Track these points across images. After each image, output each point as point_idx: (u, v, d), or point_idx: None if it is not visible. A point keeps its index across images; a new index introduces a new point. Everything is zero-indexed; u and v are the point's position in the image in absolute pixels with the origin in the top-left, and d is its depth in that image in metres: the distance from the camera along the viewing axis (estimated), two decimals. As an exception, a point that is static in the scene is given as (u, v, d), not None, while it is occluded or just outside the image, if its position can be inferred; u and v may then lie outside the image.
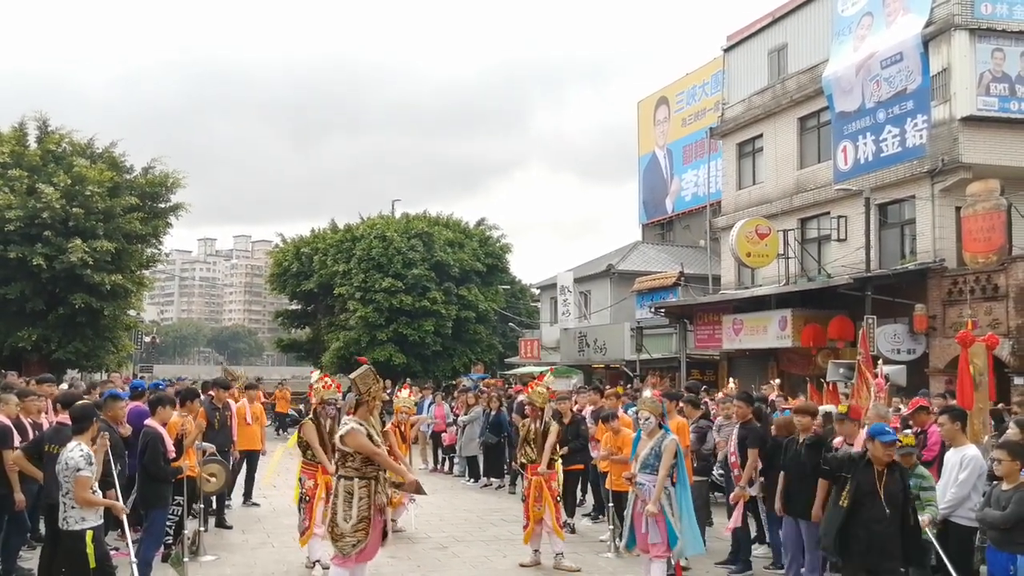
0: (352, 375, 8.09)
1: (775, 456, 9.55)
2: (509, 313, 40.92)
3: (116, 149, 32.67)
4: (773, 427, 10.10)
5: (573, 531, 12.33)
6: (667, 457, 8.81)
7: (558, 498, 10.90)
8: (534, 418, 10.96)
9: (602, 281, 36.23)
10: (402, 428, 12.88)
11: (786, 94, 25.56)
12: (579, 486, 14.81)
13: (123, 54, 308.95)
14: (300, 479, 9.97)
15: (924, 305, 19.30)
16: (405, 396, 13.66)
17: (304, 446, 9.89)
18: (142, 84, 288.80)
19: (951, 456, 8.49)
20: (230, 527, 12.53)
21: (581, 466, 13.40)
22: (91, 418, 7.37)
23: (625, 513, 9.35)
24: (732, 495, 10.57)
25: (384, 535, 7.82)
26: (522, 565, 10.48)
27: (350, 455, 7.51)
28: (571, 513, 12.78)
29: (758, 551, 11.03)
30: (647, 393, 9.81)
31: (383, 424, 9.93)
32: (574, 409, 13.93)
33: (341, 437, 7.50)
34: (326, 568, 9.55)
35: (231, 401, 13.54)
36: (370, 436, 7.53)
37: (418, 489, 7.89)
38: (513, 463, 14.27)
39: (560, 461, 12.69)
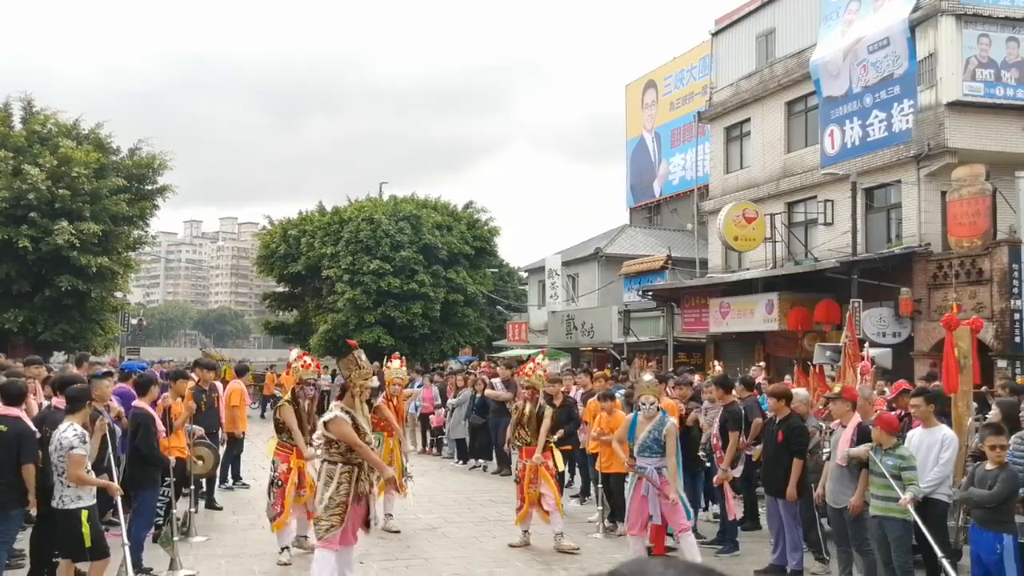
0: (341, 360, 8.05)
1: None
2: (497, 296, 40.98)
3: (102, 130, 32.52)
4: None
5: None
6: (672, 441, 9.01)
7: (556, 476, 10.94)
8: (530, 401, 10.84)
9: (590, 264, 36.28)
10: (394, 401, 12.26)
11: (774, 78, 25.59)
12: (567, 468, 14.95)
13: (107, 39, 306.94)
14: (274, 461, 9.87)
15: (910, 289, 19.42)
16: (396, 367, 12.74)
17: (280, 427, 9.75)
18: (127, 69, 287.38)
19: (924, 436, 8.61)
20: (220, 508, 12.58)
21: (569, 447, 13.43)
22: (86, 400, 7.42)
23: (626, 493, 9.47)
24: (715, 477, 10.72)
25: (367, 524, 7.81)
26: (512, 546, 10.57)
27: (335, 442, 7.49)
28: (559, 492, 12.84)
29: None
30: (647, 376, 9.77)
31: (371, 405, 9.90)
32: (565, 392, 13.98)
33: (325, 423, 7.46)
34: (300, 548, 9.70)
35: (218, 383, 13.53)
36: (356, 426, 7.45)
37: (395, 485, 8.01)
38: (505, 445, 14.22)
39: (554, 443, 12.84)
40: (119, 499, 7.47)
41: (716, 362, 18.72)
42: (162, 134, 37.89)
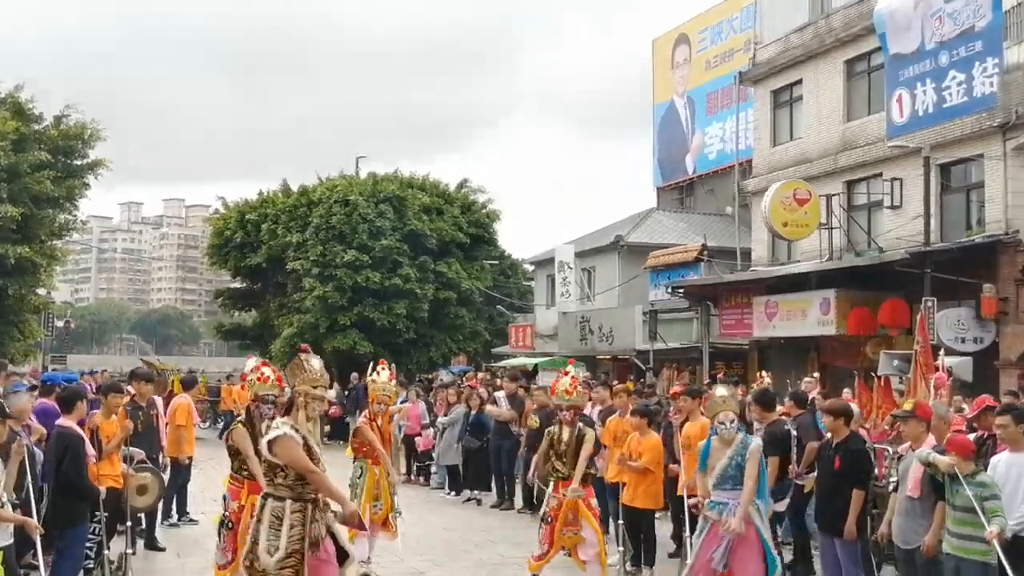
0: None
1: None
2: (497, 294, 40.99)
3: (22, 94, 32.40)
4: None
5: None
6: (753, 465, 8.77)
7: (600, 518, 10.78)
8: (568, 424, 10.51)
9: (609, 256, 36.29)
10: (378, 421, 11.58)
11: (831, 32, 25.57)
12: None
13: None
14: (224, 496, 9.79)
15: (993, 285, 19.42)
16: (384, 381, 11.85)
17: (234, 454, 9.53)
18: (71, 28, 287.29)
19: (1013, 462, 8.56)
20: (163, 549, 12.56)
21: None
22: None
23: (693, 539, 9.14)
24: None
25: (343, 557, 7.24)
26: None
27: (280, 469, 6.91)
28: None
29: None
30: (722, 390, 9.37)
31: (322, 429, 9.69)
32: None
33: (269, 444, 6.89)
34: None
35: (158, 399, 13.42)
36: (308, 447, 6.90)
37: (359, 523, 7.55)
38: (529, 475, 13.98)
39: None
40: (39, 538, 7.46)
41: (763, 373, 18.73)
42: (96, 101, 37.98)
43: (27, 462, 7.77)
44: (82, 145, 32.87)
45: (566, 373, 10.92)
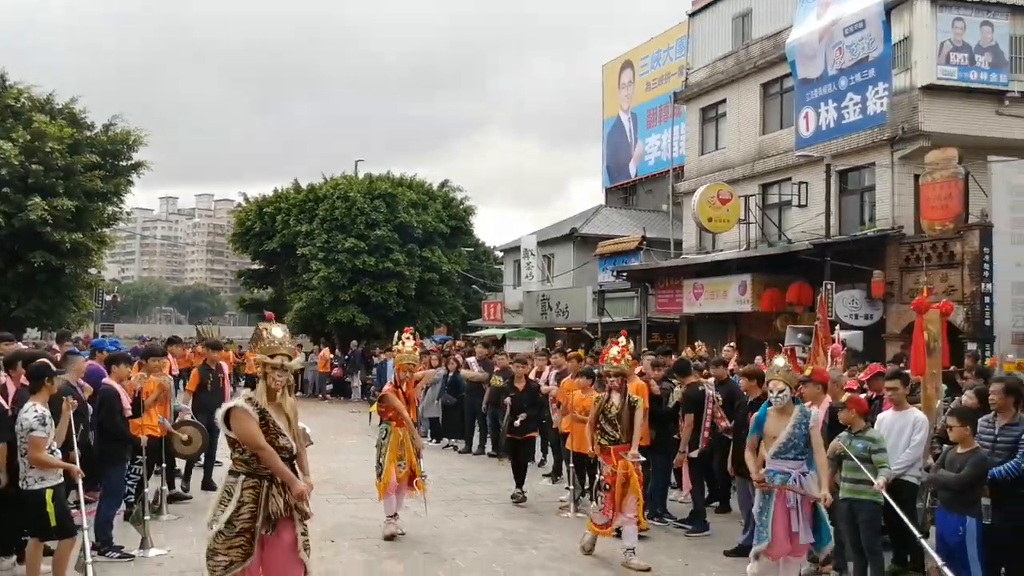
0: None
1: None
2: (472, 275, 40.82)
3: (76, 105, 32.02)
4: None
5: (524, 500, 12.11)
6: (818, 434, 7.67)
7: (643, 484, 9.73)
8: (618, 391, 9.33)
9: (565, 245, 36.22)
10: (404, 388, 10.30)
11: (750, 60, 25.54)
12: (540, 448, 15.00)
13: (80, 6, 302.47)
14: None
15: (882, 271, 19.49)
16: (409, 350, 10.48)
17: None
18: (101, 39, 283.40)
19: (896, 419, 8.63)
20: (190, 497, 12.05)
21: (534, 434, 13.44)
22: (43, 377, 7.26)
23: (755, 511, 7.83)
24: (676, 459, 10.72)
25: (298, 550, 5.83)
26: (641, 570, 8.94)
27: (237, 443, 5.74)
28: (520, 484, 12.33)
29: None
30: (779, 361, 7.90)
31: (324, 388, 9.34)
32: (527, 374, 13.88)
33: (224, 417, 5.72)
34: None
35: (223, 363, 13.15)
36: (265, 421, 5.70)
37: (303, 512, 5.86)
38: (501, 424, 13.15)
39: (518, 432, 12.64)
40: (80, 481, 7.32)
41: (698, 343, 18.76)
42: (137, 111, 37.44)
43: (72, 418, 7.59)
44: (127, 149, 32.49)
45: (616, 343, 9.61)
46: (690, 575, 8.80)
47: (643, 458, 9.34)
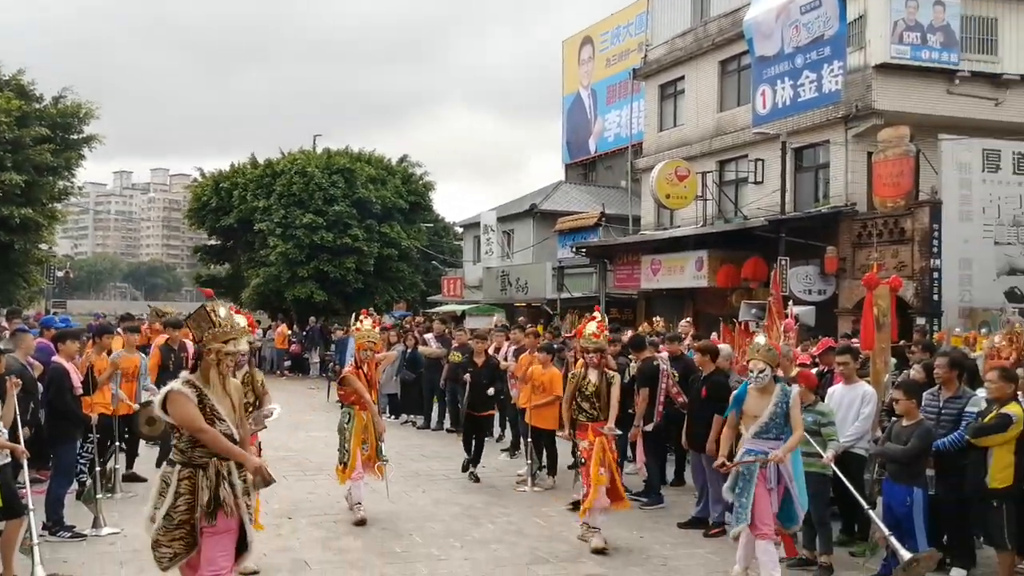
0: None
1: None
2: (432, 251, 40.76)
3: (24, 77, 31.37)
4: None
5: (478, 480, 11.99)
6: (798, 412, 7.50)
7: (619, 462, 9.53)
8: (596, 367, 9.12)
9: (525, 220, 36.25)
10: (365, 369, 9.95)
11: (708, 37, 25.62)
12: (498, 423, 15.06)
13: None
14: None
15: (835, 247, 19.74)
16: (368, 328, 10.21)
17: None
18: (50, 18, 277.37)
19: (846, 392, 8.81)
20: (145, 480, 11.86)
21: (492, 412, 13.36)
22: None
23: (735, 489, 7.45)
24: (631, 433, 10.85)
25: (242, 547, 5.64)
26: (597, 550, 8.61)
27: (176, 429, 5.49)
28: (476, 462, 12.17)
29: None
30: (760, 339, 7.77)
31: (282, 364, 9.34)
32: (490, 350, 13.91)
33: (162, 403, 5.43)
34: None
35: (187, 341, 12.98)
36: (203, 405, 5.39)
37: (265, 478, 5.58)
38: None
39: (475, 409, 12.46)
40: (25, 461, 7.25)
41: (656, 318, 18.92)
42: (88, 83, 36.84)
43: (21, 397, 7.49)
44: (78, 122, 31.95)
45: (593, 318, 9.44)
46: (646, 547, 8.91)
47: (619, 431, 9.24)
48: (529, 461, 11.68)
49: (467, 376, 13.08)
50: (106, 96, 36.68)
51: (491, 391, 12.73)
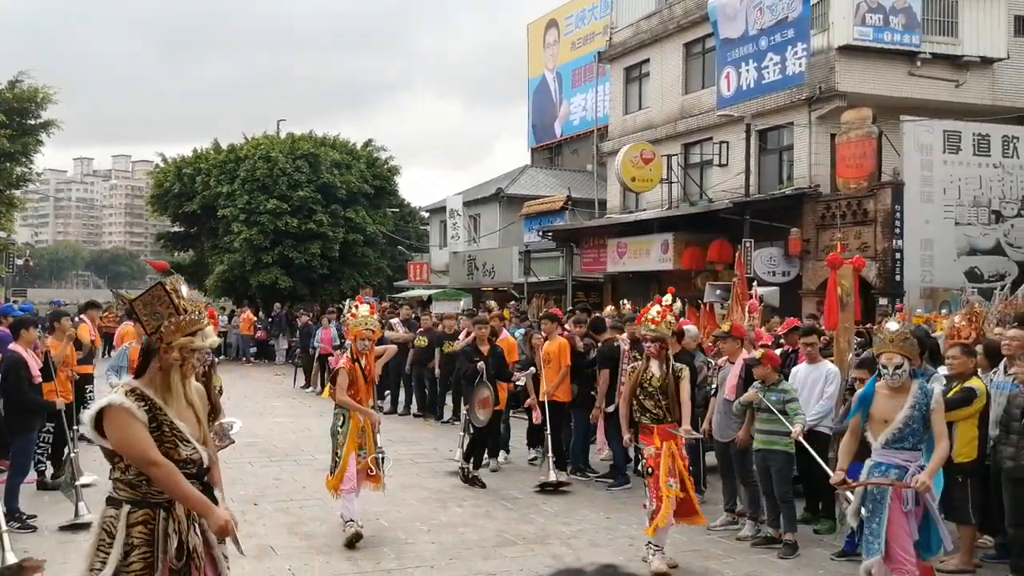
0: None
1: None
2: (398, 236, 40.55)
3: (-22, 62, 30.81)
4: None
5: (496, 470, 11.67)
6: (941, 419, 6.04)
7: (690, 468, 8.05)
8: (658, 358, 7.77)
9: (491, 205, 36.17)
10: (363, 363, 8.56)
11: (673, 19, 25.64)
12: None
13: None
14: None
15: (799, 229, 19.89)
16: (365, 314, 8.67)
17: None
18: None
19: (810, 372, 8.89)
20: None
21: (502, 406, 11.72)
22: None
23: (850, 509, 6.37)
24: (592, 414, 10.89)
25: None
26: (657, 575, 7.33)
27: (118, 457, 3.94)
28: (479, 462, 11.27)
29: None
30: (891, 324, 6.24)
31: (248, 352, 9.00)
32: (460, 336, 13.81)
33: (94, 420, 3.89)
34: None
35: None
36: (158, 424, 3.91)
37: (232, 536, 4.10)
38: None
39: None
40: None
41: (624, 302, 18.92)
42: (45, 68, 36.14)
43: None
44: (35, 107, 31.37)
45: (659, 300, 8.04)
46: (613, 527, 8.95)
47: (697, 434, 8.24)
48: (539, 448, 11.59)
49: (480, 365, 11.21)
50: (66, 81, 36.03)
51: (521, 380, 11.65)
